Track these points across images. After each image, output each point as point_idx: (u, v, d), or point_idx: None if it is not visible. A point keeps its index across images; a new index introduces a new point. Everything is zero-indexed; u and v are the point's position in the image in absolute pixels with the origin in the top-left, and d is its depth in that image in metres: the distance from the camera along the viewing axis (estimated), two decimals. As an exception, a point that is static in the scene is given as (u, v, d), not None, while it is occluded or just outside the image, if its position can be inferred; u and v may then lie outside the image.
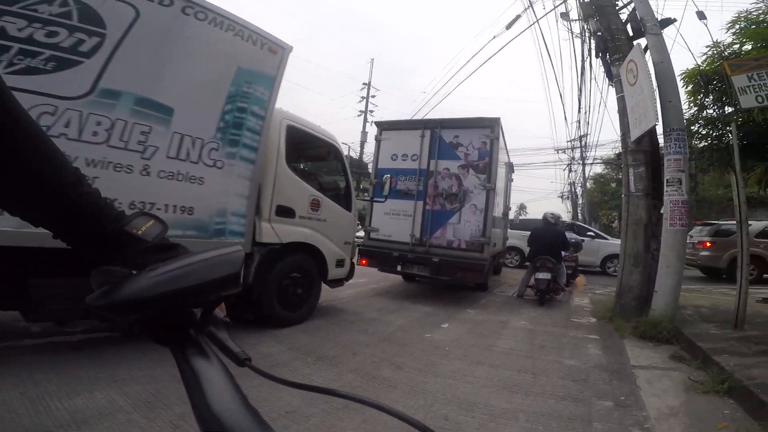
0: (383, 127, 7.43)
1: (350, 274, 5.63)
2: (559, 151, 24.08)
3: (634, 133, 5.87)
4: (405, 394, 2.98)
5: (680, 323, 4.86)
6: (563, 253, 9.75)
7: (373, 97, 27.78)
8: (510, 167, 10.10)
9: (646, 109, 5.46)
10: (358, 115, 27.42)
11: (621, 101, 6.35)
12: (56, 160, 0.49)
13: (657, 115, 5.25)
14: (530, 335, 4.88)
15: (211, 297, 0.47)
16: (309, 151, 5.71)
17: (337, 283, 5.39)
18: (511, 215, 14.28)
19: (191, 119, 3.43)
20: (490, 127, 6.49)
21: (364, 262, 7.09)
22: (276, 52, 4.14)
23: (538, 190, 51.87)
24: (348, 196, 5.51)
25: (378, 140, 7.39)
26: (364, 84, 27.76)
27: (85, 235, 0.51)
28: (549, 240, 7.27)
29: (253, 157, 3.93)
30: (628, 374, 3.62)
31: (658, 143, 6.25)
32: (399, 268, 6.95)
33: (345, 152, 5.67)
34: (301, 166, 5.36)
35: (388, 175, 6.13)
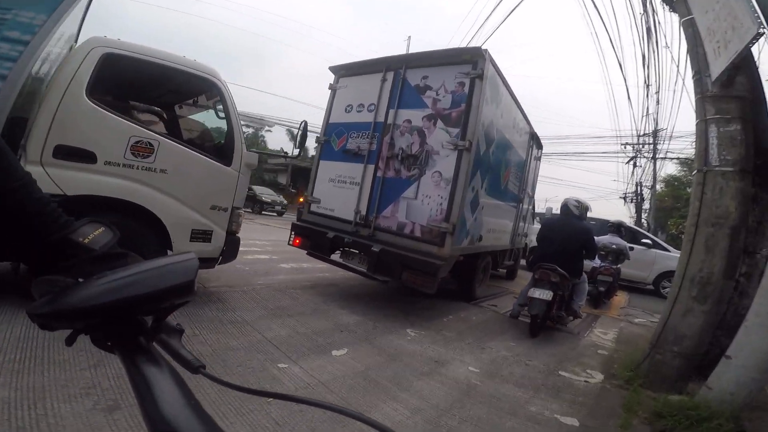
0: (340, 73, 5.44)
1: (229, 253, 3.86)
2: (622, 143, 19.92)
3: (718, 66, 3.33)
4: None
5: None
6: (593, 262, 7.18)
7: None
8: (535, 140, 7.53)
9: (734, 18, 2.99)
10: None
11: (689, 27, 3.77)
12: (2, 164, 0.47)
13: (759, 19, 2.77)
14: (453, 402, 2.74)
15: (164, 305, 0.45)
16: (164, 87, 4.03)
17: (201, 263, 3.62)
18: (541, 208, 11.55)
19: None
20: (471, 62, 4.24)
21: (297, 241, 5.31)
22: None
23: (595, 188, 45.12)
24: (229, 147, 3.76)
25: (333, 89, 5.46)
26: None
27: (27, 243, 0.49)
28: (563, 239, 4.87)
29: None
30: None
31: (762, 86, 3.58)
32: (339, 255, 5.06)
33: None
34: (131, 102, 3.65)
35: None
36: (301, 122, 4.14)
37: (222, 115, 3.82)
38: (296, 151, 4.23)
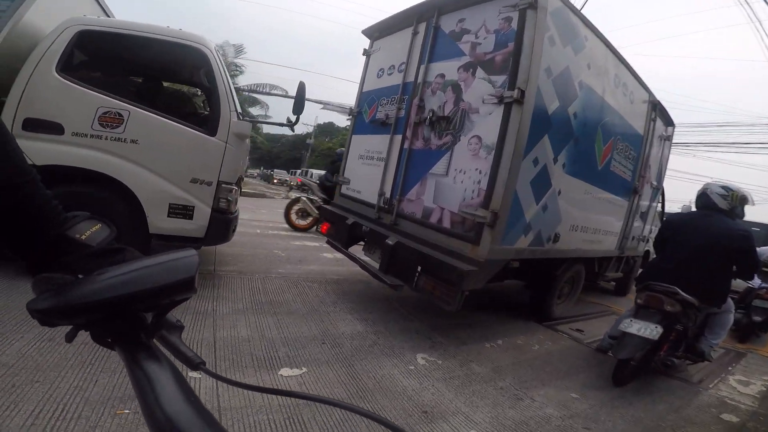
0: (374, 35, 4.51)
1: (216, 233, 3.36)
2: None
3: None
4: None
5: None
6: (753, 282, 4.82)
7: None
8: (660, 112, 5.31)
9: None
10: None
11: None
12: (12, 159, 0.48)
13: None
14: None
15: (165, 301, 0.44)
16: (150, 59, 3.70)
17: (177, 243, 3.22)
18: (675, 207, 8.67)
19: None
20: (520, -8, 2.89)
21: (325, 227, 4.62)
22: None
23: (763, 188, 32.50)
24: (215, 116, 3.31)
25: (367, 55, 4.59)
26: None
27: (27, 239, 0.48)
28: (699, 246, 3.18)
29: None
30: None
31: None
32: (362, 245, 4.20)
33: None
34: (101, 73, 3.49)
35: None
36: (299, 83, 3.40)
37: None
38: (293, 118, 3.50)
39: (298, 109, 3.41)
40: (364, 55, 4.59)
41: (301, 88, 3.39)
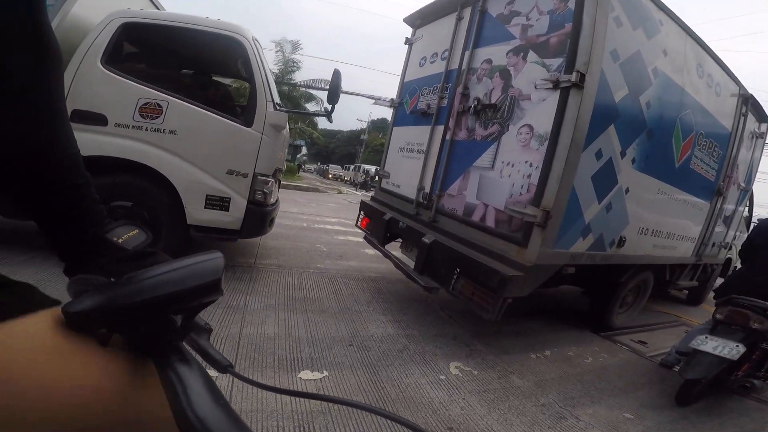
0: (416, 23, 4.24)
1: (252, 225, 3.35)
2: None
3: None
4: None
5: None
6: None
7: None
8: (752, 107, 4.45)
9: None
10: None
11: None
12: (75, 160, 0.50)
13: None
14: None
15: (193, 304, 0.44)
16: (190, 49, 3.77)
17: (213, 234, 3.26)
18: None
19: None
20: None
21: (364, 222, 4.50)
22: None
23: None
24: (252, 107, 3.27)
25: (409, 44, 4.35)
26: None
27: (69, 238, 0.50)
28: None
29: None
30: None
31: None
32: (399, 243, 4.01)
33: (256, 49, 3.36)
34: (143, 65, 3.52)
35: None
36: (334, 71, 3.25)
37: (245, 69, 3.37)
38: (329, 107, 3.35)
39: (333, 98, 3.27)
40: (405, 44, 4.37)
41: (336, 76, 3.24)
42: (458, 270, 2.86)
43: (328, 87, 3.36)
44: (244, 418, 1.64)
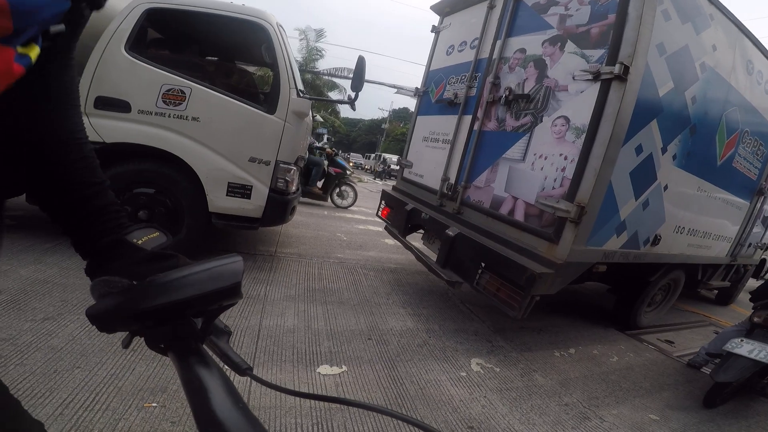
0: (444, 11, 4.07)
1: (274, 214, 3.32)
2: None
3: None
4: None
5: None
6: None
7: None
8: None
9: None
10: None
11: None
12: (80, 174, 0.51)
13: None
14: None
15: (213, 307, 0.44)
16: (214, 34, 3.71)
17: (234, 222, 3.25)
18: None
19: None
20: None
21: (385, 212, 4.44)
22: None
23: None
24: (275, 93, 3.20)
25: (436, 31, 4.19)
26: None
27: (89, 240, 0.51)
28: None
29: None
30: None
31: None
32: (422, 234, 3.95)
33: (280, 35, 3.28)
34: (167, 51, 3.45)
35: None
36: (358, 58, 3.15)
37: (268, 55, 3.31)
38: (352, 94, 3.27)
39: (357, 85, 3.17)
40: (432, 32, 4.22)
41: (361, 63, 3.13)
42: (483, 265, 2.78)
43: (350, 76, 3.27)
44: (263, 415, 1.63)
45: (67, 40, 0.46)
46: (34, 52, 0.39)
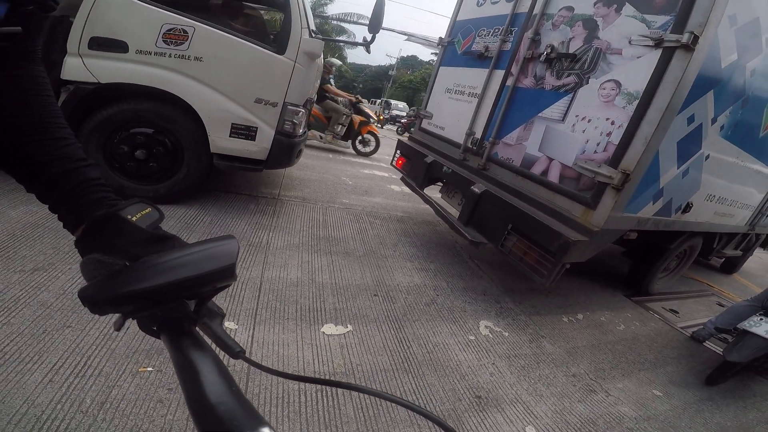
0: None
1: (279, 156, 3.11)
2: None
3: None
4: None
5: None
6: None
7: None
8: None
9: None
10: None
11: None
12: (55, 147, 0.49)
13: None
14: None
15: (207, 289, 0.44)
16: None
17: (237, 164, 3.05)
18: None
19: None
20: None
21: (400, 162, 4.21)
22: None
23: None
24: (285, 33, 2.92)
25: None
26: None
27: (76, 213, 0.49)
28: None
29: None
30: None
31: None
32: (439, 187, 3.77)
33: None
34: None
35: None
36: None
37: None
38: (369, 37, 2.95)
39: (374, 27, 2.89)
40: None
41: (379, 4, 2.81)
42: (511, 226, 2.63)
43: (360, 21, 2.93)
44: (262, 395, 1.55)
45: (26, 40, 0.46)
46: None
